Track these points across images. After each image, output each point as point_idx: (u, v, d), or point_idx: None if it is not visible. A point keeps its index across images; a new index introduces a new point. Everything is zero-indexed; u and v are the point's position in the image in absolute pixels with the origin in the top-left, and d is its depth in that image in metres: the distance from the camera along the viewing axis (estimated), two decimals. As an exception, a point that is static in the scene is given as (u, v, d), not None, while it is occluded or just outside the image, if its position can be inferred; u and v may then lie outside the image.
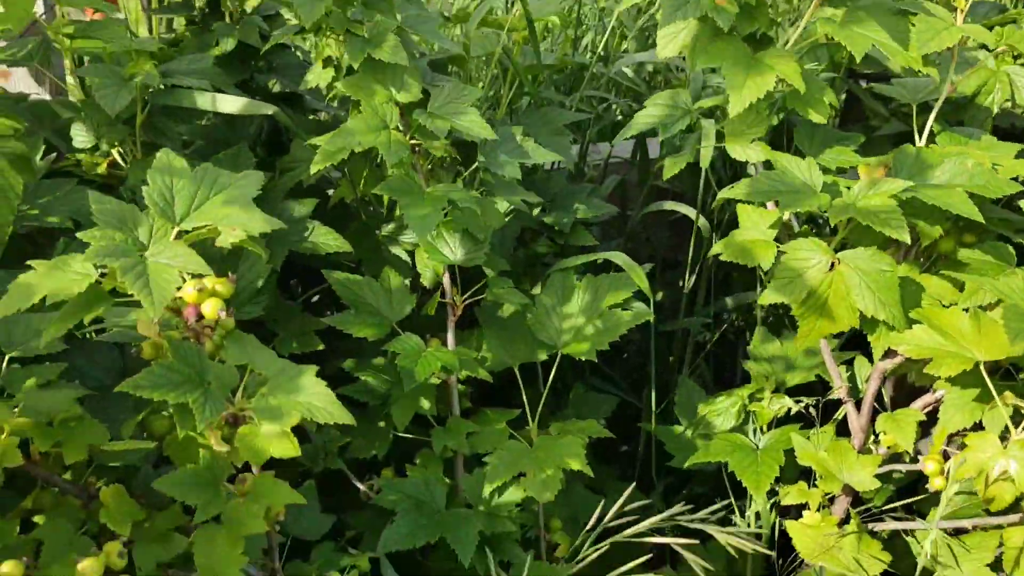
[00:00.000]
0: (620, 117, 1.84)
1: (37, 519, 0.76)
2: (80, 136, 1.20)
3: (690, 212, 1.41)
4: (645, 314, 1.16)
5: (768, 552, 1.16)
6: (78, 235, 0.67)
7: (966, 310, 0.96)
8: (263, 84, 1.41)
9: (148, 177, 0.69)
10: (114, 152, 1.22)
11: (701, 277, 1.56)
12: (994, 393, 0.92)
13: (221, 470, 0.78)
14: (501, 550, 1.09)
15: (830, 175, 1.00)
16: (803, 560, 1.08)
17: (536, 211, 1.41)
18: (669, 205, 1.44)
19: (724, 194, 1.01)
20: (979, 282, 0.95)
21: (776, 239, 1.01)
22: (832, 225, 0.96)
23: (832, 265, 0.96)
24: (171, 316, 0.75)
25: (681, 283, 1.52)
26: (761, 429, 1.22)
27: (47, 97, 1.38)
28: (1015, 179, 1.01)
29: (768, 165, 1.06)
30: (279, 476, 1.22)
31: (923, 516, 1.11)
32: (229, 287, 0.73)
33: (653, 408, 1.37)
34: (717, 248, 1.05)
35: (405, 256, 1.24)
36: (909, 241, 0.92)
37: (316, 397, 0.74)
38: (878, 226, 0.92)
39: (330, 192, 1.31)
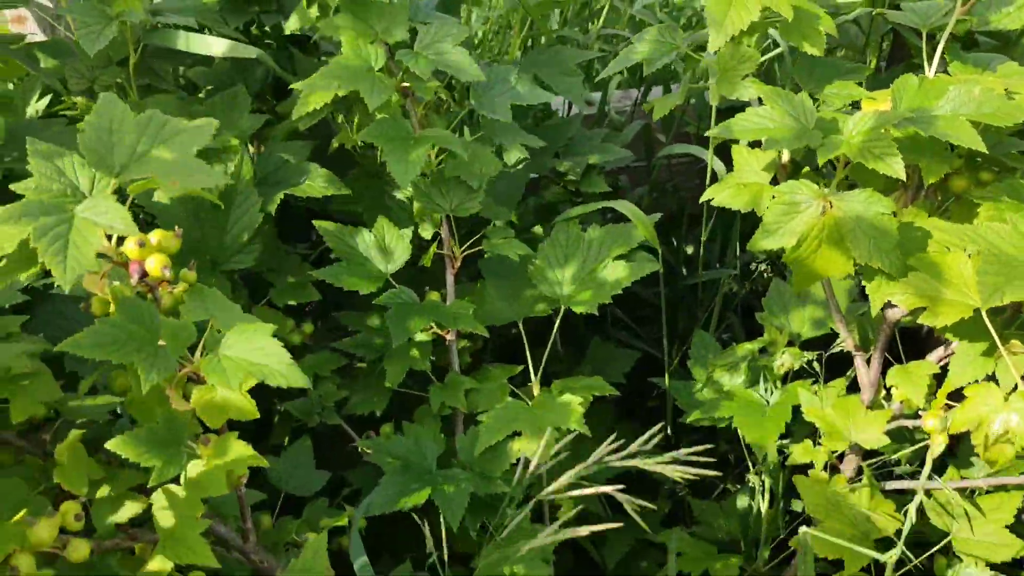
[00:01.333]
0: (645, 58, 1.74)
1: (-6, 478, 0.75)
2: (74, 79, 1.17)
3: (703, 155, 1.33)
4: (650, 265, 1.10)
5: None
6: (11, 187, 0.63)
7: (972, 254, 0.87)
8: (273, 25, 1.36)
9: (85, 123, 0.65)
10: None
11: (732, 227, 1.48)
12: (998, 341, 0.83)
13: (181, 430, 0.75)
14: (493, 512, 1.05)
15: (830, 111, 0.91)
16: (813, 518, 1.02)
17: (550, 157, 1.35)
18: (679, 148, 1.36)
19: (712, 132, 0.93)
20: (957, 230, 0.85)
21: (775, 182, 0.94)
22: (821, 164, 0.87)
23: (824, 209, 0.88)
24: (121, 271, 0.72)
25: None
26: (775, 384, 1.16)
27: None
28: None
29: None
30: (278, 430, 1.21)
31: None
32: (174, 242, 0.70)
33: (666, 363, 1.32)
34: (709, 193, 0.98)
35: (407, 204, 1.20)
36: (904, 177, 0.83)
37: (271, 358, 0.70)
38: (870, 163, 0.84)
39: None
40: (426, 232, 1.13)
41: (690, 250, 1.61)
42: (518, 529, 1.04)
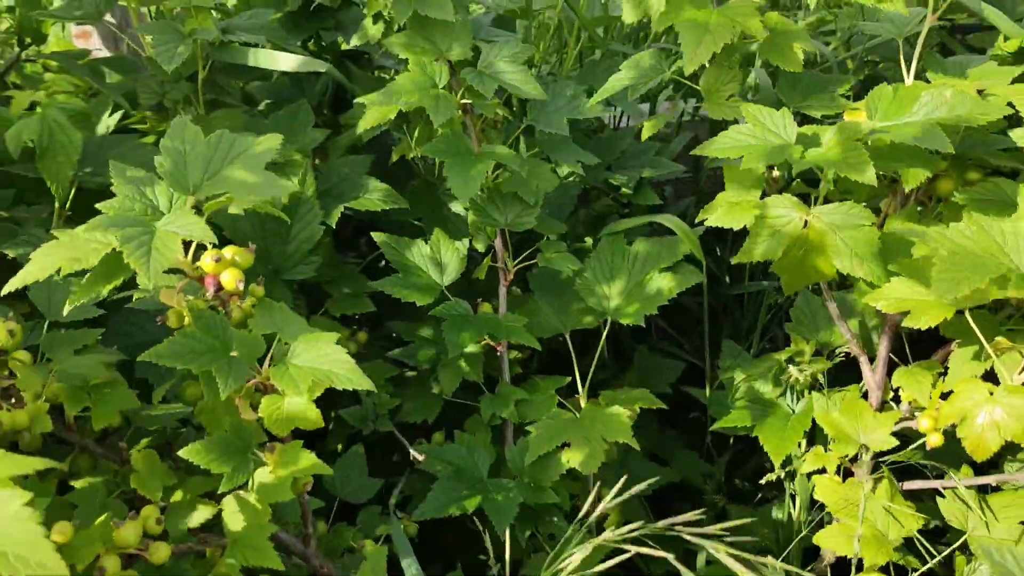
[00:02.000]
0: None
1: (74, 483, 0.78)
2: (145, 94, 1.21)
3: None
4: (694, 276, 1.11)
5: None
6: (97, 206, 0.67)
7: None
8: (330, 41, 1.40)
9: (160, 146, 0.68)
10: (179, 109, 1.23)
11: None
12: (981, 339, 0.85)
13: (250, 438, 0.78)
14: (542, 522, 1.07)
15: (811, 126, 0.93)
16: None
17: (603, 170, 1.37)
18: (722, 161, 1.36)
19: (699, 151, 0.95)
20: (932, 234, 0.84)
21: (766, 197, 0.95)
22: (795, 176, 0.88)
23: (806, 222, 0.90)
24: (196, 285, 0.75)
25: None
26: (801, 394, 1.16)
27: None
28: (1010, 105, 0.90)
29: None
30: (331, 437, 1.24)
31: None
32: (248, 256, 0.72)
33: (707, 374, 1.33)
34: (703, 214, 1.00)
35: (465, 215, 1.22)
36: (876, 184, 0.85)
37: (336, 364, 0.73)
38: (844, 172, 0.85)
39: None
40: (480, 245, 1.15)
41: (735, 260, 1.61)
42: (567, 543, 1.06)
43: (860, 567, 1.00)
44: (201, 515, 0.76)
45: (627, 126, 1.49)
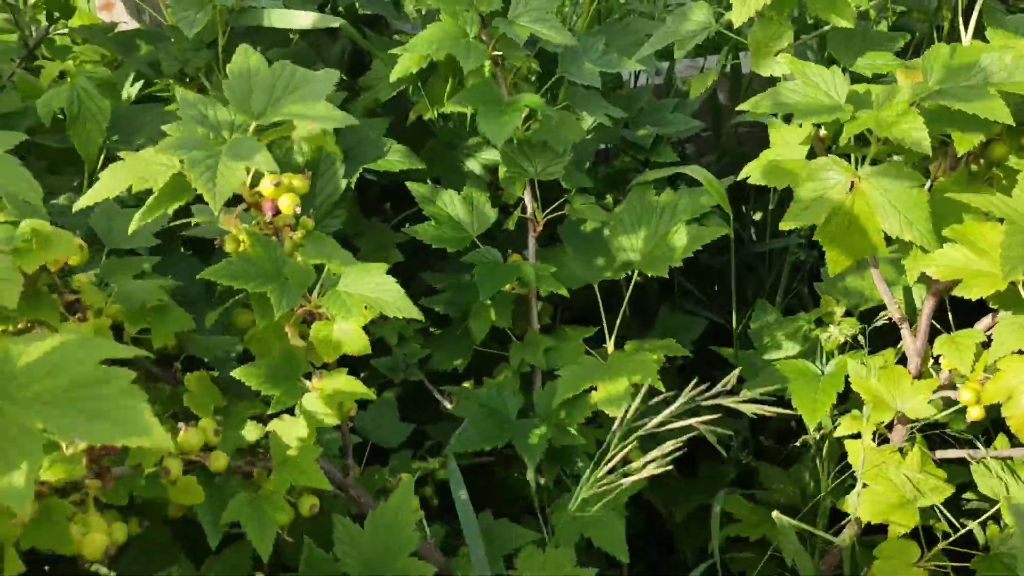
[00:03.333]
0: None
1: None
2: (167, 62, 1.23)
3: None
4: (720, 229, 1.13)
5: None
6: (163, 127, 0.69)
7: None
8: (347, 5, 1.42)
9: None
10: (201, 77, 1.25)
11: None
12: None
13: (298, 365, 0.81)
14: (570, 461, 1.10)
15: (863, 84, 0.91)
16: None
17: (620, 127, 1.39)
18: (747, 115, 1.38)
19: (745, 106, 0.94)
20: (988, 200, 0.83)
21: (812, 157, 0.95)
22: (844, 141, 0.88)
23: (853, 184, 0.88)
24: (253, 213, 0.77)
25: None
26: (831, 354, 1.18)
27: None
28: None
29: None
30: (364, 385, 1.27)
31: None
32: (305, 183, 0.75)
33: (734, 332, 1.35)
34: (748, 170, 1.00)
35: (483, 173, 1.25)
36: (929, 151, 0.83)
37: (386, 292, 0.76)
38: (896, 136, 0.84)
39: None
40: (509, 198, 1.18)
41: (758, 217, 1.63)
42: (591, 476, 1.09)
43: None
44: (250, 435, 0.79)
45: (645, 84, 1.51)
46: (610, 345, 1.16)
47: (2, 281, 0.60)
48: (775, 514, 1.03)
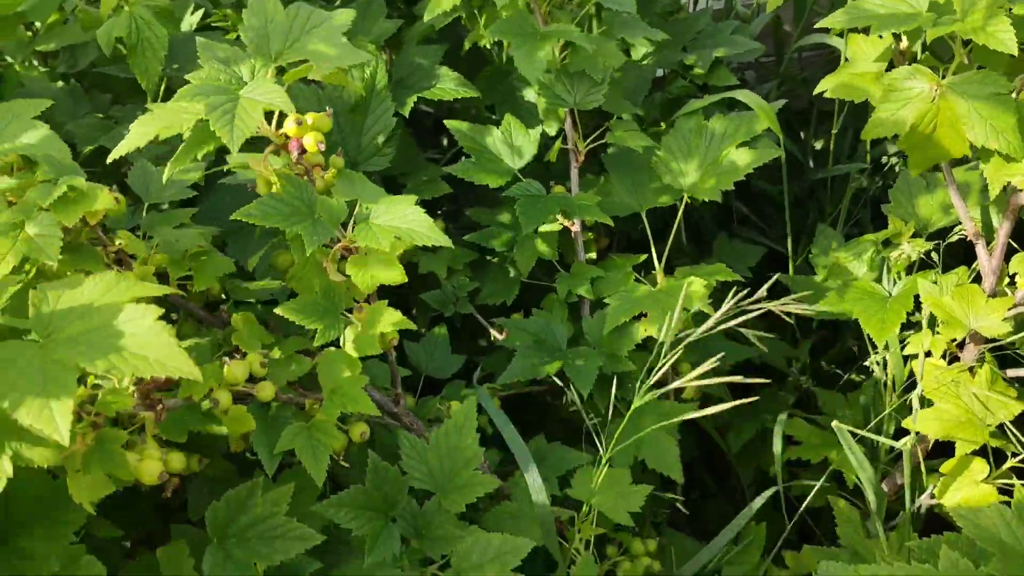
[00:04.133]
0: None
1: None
2: (224, -8, 1.25)
3: (838, 44, 1.31)
4: (772, 151, 1.11)
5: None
6: (186, 76, 0.72)
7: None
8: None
9: (244, 16, 0.72)
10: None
11: (863, 121, 1.45)
12: None
13: (338, 299, 0.83)
14: (622, 388, 1.11)
15: None
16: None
17: (678, 51, 1.36)
18: (815, 39, 1.34)
19: (824, 23, 0.92)
20: None
21: (891, 70, 0.92)
22: (930, 42, 0.85)
23: (938, 92, 0.87)
24: (282, 155, 0.79)
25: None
26: (899, 275, 1.15)
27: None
28: None
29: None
30: (417, 321, 1.30)
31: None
32: (327, 120, 0.77)
33: (791, 259, 1.33)
34: (823, 84, 0.98)
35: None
36: (1016, 52, 0.81)
37: (416, 223, 0.77)
38: (981, 39, 0.82)
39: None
40: (551, 128, 1.17)
41: (820, 145, 1.59)
42: (643, 409, 1.10)
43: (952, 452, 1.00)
44: (299, 369, 0.82)
45: (705, 7, 1.47)
46: (659, 272, 1.15)
47: (44, 236, 0.63)
48: (835, 424, 1.02)
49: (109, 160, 0.73)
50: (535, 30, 1.05)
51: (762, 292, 0.90)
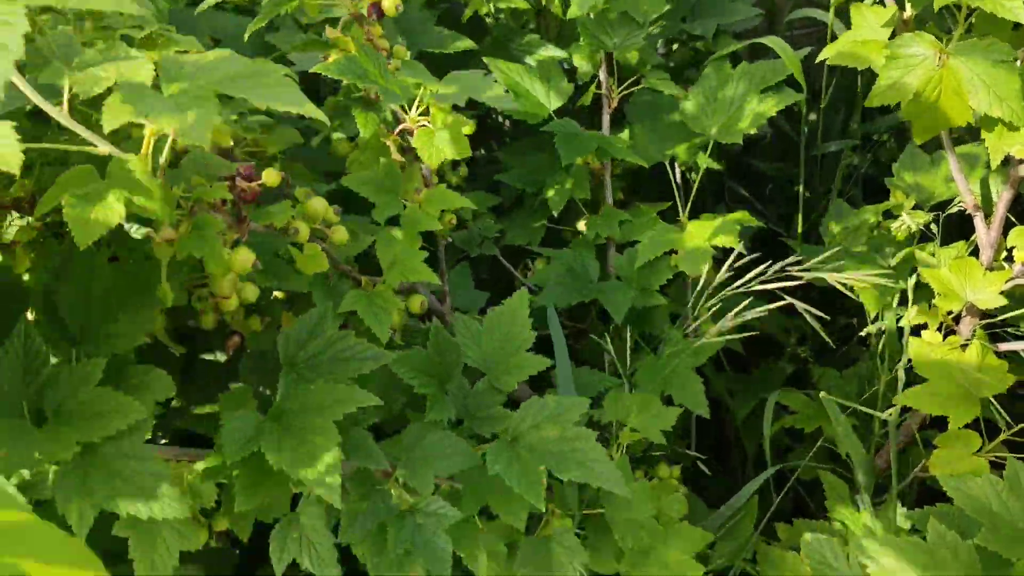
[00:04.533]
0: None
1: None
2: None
3: (826, 18, 1.36)
4: (792, 96, 1.14)
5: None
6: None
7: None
8: None
9: None
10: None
11: (854, 96, 1.49)
12: None
13: (398, 178, 0.84)
14: (650, 323, 1.12)
15: None
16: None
17: (679, 20, 1.39)
18: (804, 12, 1.39)
19: None
20: None
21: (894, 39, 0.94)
22: (937, 9, 0.87)
23: (941, 59, 0.88)
24: (355, 30, 0.81)
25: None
26: (897, 248, 1.18)
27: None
28: None
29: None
30: (443, 260, 1.30)
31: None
32: (402, -12, 0.78)
33: (800, 227, 1.36)
34: (826, 52, 1.00)
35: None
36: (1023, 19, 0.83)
37: (489, 89, 0.79)
38: (988, 6, 0.84)
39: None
40: (585, 74, 1.20)
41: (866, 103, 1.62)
42: (671, 345, 1.11)
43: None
44: (361, 244, 0.83)
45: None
46: (684, 217, 1.17)
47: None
48: (822, 395, 1.04)
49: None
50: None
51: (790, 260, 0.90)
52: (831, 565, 0.86)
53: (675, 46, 1.44)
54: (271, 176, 0.64)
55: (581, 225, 1.19)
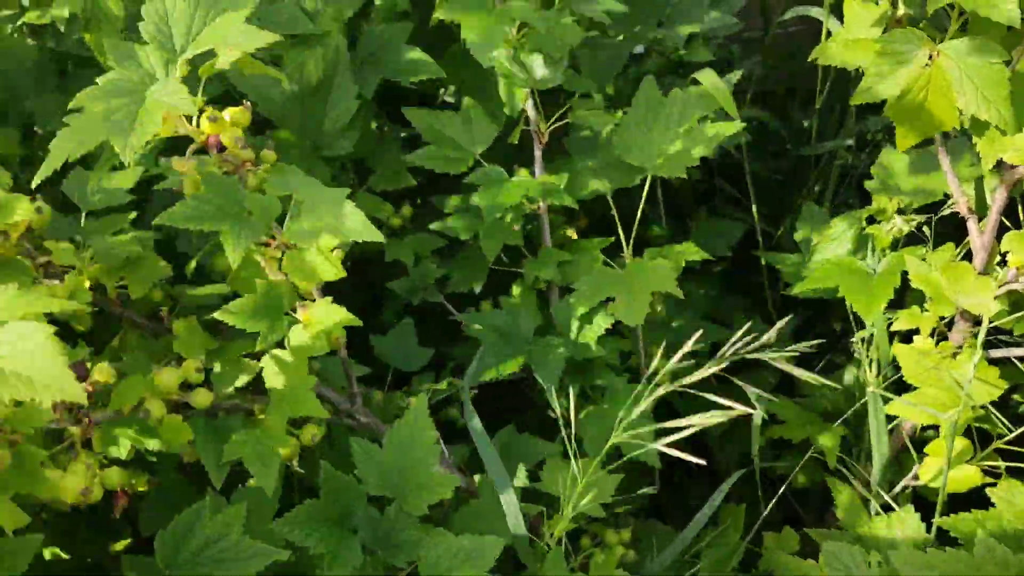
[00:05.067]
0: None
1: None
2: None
3: (820, 15, 1.26)
4: (732, 127, 1.06)
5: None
6: (97, 79, 0.69)
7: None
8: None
9: (143, 12, 0.69)
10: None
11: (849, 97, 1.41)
12: None
13: (282, 299, 0.81)
14: (590, 376, 1.08)
15: None
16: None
17: (652, 27, 1.31)
18: (796, 11, 1.29)
19: None
20: None
21: None
22: (931, 12, 0.82)
23: (931, 57, 0.84)
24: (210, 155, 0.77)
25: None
26: (883, 252, 1.11)
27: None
28: None
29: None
30: (386, 310, 1.27)
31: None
32: (245, 115, 0.74)
33: (780, 236, 1.29)
34: (817, 51, 0.95)
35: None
36: (1019, 24, 0.78)
37: (348, 218, 0.74)
38: (983, 10, 0.79)
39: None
40: (510, 109, 1.13)
41: (806, 123, 1.55)
42: (615, 395, 1.07)
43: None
44: (244, 376, 0.80)
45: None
46: (627, 253, 1.11)
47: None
48: (871, 390, 1.00)
49: (33, 184, 0.69)
50: (485, 6, 1.01)
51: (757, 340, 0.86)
52: (853, 574, 0.85)
53: (652, 54, 1.35)
54: (104, 373, 0.61)
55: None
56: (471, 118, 1.11)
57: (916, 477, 1.04)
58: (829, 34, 1.24)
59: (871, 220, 1.15)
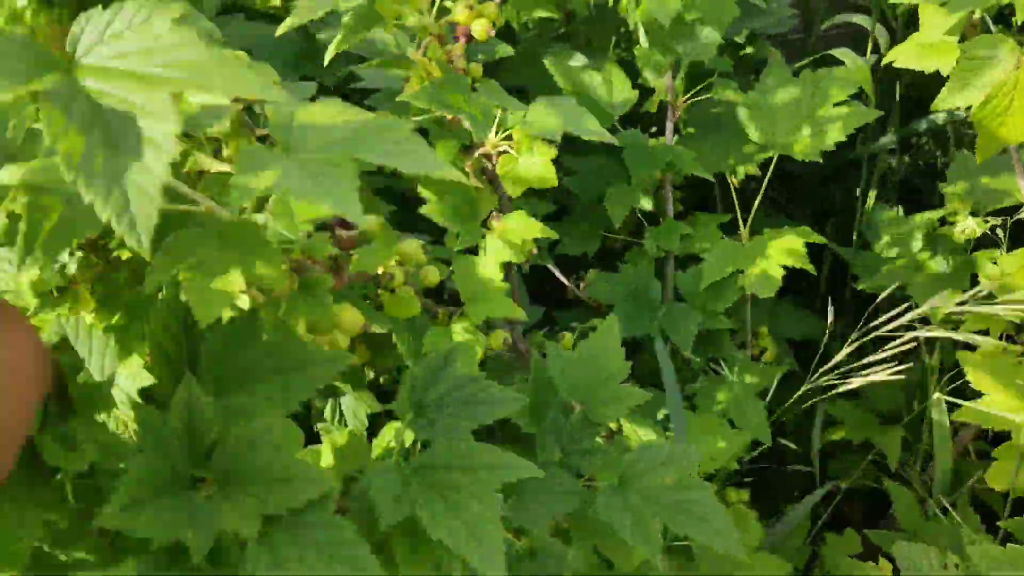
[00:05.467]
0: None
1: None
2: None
3: (865, 22, 1.31)
4: (871, 112, 1.09)
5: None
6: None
7: None
8: None
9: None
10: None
11: (892, 101, 1.45)
12: None
13: (477, 206, 0.80)
14: (715, 346, 1.09)
15: None
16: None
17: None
18: (840, 18, 1.34)
19: None
20: None
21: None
22: (1021, 21, 0.84)
23: (1019, 62, 0.84)
24: (432, 50, 0.76)
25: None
26: (955, 252, 1.15)
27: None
28: None
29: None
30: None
31: None
32: (494, 8, 0.74)
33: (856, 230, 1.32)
34: (891, 55, 0.97)
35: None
36: None
37: (575, 116, 0.74)
38: None
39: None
40: (646, 82, 1.15)
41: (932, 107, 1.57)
42: (738, 368, 1.08)
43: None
44: (435, 275, 0.79)
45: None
46: (745, 232, 1.13)
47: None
48: (936, 396, 1.01)
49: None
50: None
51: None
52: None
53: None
54: (371, 223, 0.60)
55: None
56: (611, 80, 1.12)
57: (981, 481, 1.05)
58: (876, 41, 1.29)
59: (943, 221, 1.18)
